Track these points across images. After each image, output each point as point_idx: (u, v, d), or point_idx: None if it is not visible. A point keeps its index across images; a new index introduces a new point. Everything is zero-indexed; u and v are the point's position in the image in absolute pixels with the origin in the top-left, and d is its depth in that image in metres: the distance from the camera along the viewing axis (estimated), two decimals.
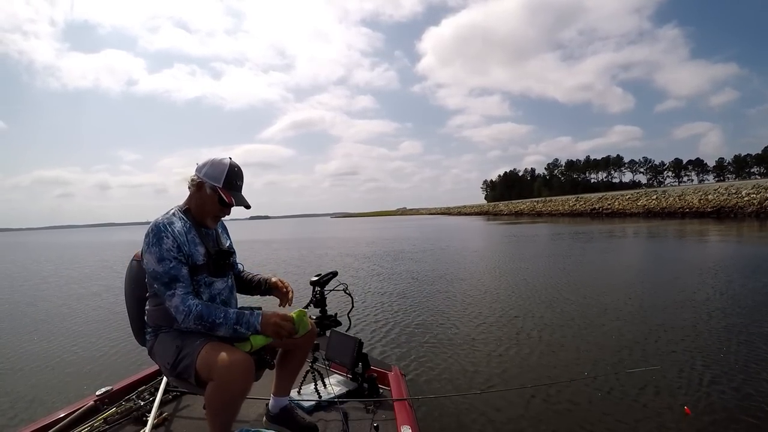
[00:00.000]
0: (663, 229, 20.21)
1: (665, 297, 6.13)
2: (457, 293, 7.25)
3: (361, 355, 2.36)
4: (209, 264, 1.74)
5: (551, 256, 11.80)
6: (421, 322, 5.45)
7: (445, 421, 2.90)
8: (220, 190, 1.71)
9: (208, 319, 1.60)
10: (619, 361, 3.86)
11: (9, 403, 3.51)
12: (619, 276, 8.43)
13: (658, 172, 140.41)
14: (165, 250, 1.62)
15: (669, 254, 11.20)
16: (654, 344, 4.21)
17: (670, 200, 34.12)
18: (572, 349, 4.23)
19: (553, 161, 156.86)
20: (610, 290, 6.93)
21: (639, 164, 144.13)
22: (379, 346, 4.60)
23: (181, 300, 1.60)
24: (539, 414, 2.97)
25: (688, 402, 2.99)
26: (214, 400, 1.56)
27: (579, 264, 10.13)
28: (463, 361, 4.04)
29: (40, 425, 1.93)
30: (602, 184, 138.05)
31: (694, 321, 4.87)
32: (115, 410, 2.09)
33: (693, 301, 5.75)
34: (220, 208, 1.75)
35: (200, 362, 1.57)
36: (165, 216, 1.71)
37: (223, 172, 1.71)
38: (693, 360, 3.75)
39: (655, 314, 5.27)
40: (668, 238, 15.92)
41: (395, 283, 8.53)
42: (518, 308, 5.96)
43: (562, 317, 5.39)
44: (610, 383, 3.35)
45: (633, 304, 5.87)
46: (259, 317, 1.65)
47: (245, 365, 1.55)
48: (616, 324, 5.00)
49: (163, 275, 1.61)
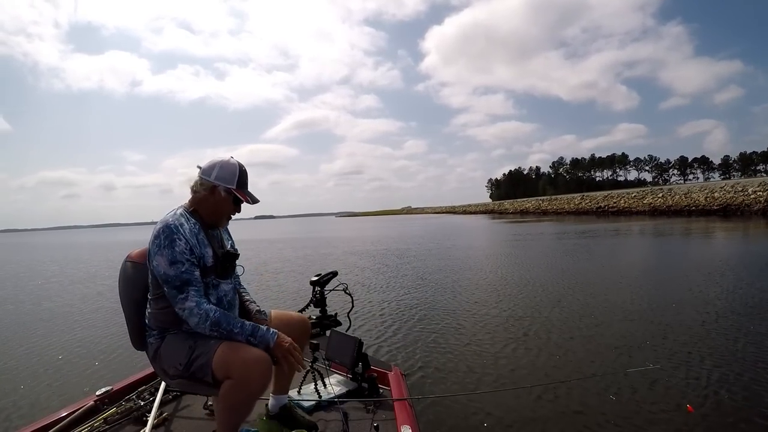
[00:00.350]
0: (669, 227, 20.05)
1: (672, 295, 6.08)
2: (458, 292, 7.23)
3: (361, 355, 2.35)
4: (217, 266, 1.73)
5: (555, 255, 11.75)
6: (422, 322, 5.44)
7: (445, 421, 2.89)
8: (235, 191, 1.72)
9: (226, 327, 1.59)
10: (620, 360, 3.83)
11: (9, 403, 3.53)
12: (625, 274, 8.37)
13: (663, 170, 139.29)
14: (178, 253, 1.59)
15: (676, 253, 11.13)
16: (660, 343, 4.18)
17: (676, 198, 33.85)
18: (574, 349, 4.19)
19: (558, 159, 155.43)
20: (614, 289, 6.89)
21: (644, 162, 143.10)
22: (384, 345, 4.58)
23: (196, 304, 1.58)
24: (540, 414, 2.95)
25: (691, 401, 2.96)
26: (232, 398, 1.55)
27: (583, 262, 10.07)
28: (464, 360, 4.02)
29: (40, 425, 1.93)
30: (607, 183, 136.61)
31: (701, 320, 4.83)
32: (115, 410, 2.09)
33: (700, 300, 5.70)
34: (234, 207, 1.78)
35: (217, 361, 1.56)
36: (174, 217, 1.67)
37: (234, 174, 1.72)
38: (701, 359, 3.72)
39: (661, 313, 5.22)
40: (675, 237, 15.84)
41: (397, 283, 8.52)
42: (520, 307, 5.94)
43: (563, 317, 5.35)
44: (611, 382, 3.33)
45: (639, 302, 5.83)
46: (275, 336, 1.63)
47: (265, 363, 1.55)
48: (620, 323, 4.96)
49: (174, 279, 1.58)
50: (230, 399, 1.56)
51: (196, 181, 1.74)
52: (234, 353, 1.55)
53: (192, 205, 1.75)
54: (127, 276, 1.78)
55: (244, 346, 1.59)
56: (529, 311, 5.69)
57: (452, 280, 8.47)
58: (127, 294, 1.78)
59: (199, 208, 1.74)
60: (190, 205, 1.75)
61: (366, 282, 8.78)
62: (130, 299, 1.77)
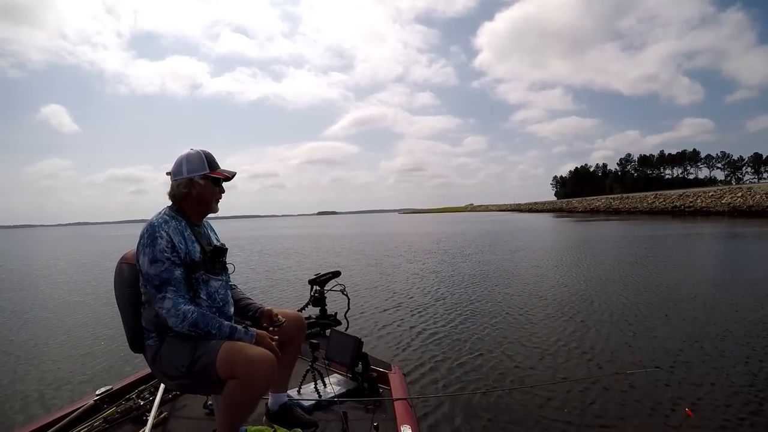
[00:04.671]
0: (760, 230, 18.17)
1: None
2: (463, 293, 7.23)
3: (361, 355, 2.35)
4: (205, 260, 1.74)
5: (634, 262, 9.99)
6: (423, 321, 5.44)
7: (445, 421, 2.89)
8: (210, 174, 1.75)
9: (203, 328, 1.61)
10: (620, 361, 3.84)
11: (9, 402, 3.53)
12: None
13: (736, 167, 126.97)
14: (158, 251, 1.60)
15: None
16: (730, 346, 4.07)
17: (757, 198, 32.03)
18: (575, 350, 4.20)
19: (625, 156, 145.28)
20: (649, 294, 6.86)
21: (716, 159, 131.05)
22: (384, 345, 4.59)
23: (173, 304, 1.59)
24: (540, 413, 2.95)
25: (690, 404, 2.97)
26: (236, 396, 1.56)
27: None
28: (464, 360, 4.02)
29: (40, 424, 1.93)
30: (677, 181, 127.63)
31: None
32: (115, 410, 2.08)
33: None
34: (218, 188, 1.80)
35: (221, 360, 1.56)
36: (158, 216, 1.69)
37: (202, 160, 1.75)
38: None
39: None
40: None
41: (425, 284, 8.49)
42: (521, 308, 5.94)
43: (570, 318, 5.35)
44: (611, 384, 3.33)
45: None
46: (253, 338, 1.65)
47: (270, 362, 1.56)
48: (622, 324, 4.97)
49: (154, 278, 1.60)
50: (234, 398, 1.56)
51: (172, 185, 1.75)
52: (238, 352, 1.56)
53: (175, 205, 1.77)
54: (122, 278, 1.76)
55: (248, 345, 1.60)
56: (532, 311, 5.69)
57: (472, 282, 8.44)
58: (123, 296, 1.76)
59: (184, 207, 1.76)
60: (174, 205, 1.77)
61: (378, 283, 8.76)
62: (126, 302, 1.75)
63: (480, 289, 7.42)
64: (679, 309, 5.50)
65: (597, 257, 11.22)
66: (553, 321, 5.19)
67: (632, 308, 5.64)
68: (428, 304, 6.46)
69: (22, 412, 3.34)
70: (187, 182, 1.73)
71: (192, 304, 1.65)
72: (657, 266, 9.21)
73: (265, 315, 1.88)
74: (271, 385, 1.62)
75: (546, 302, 6.22)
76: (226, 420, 1.61)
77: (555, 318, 5.32)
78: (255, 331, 1.69)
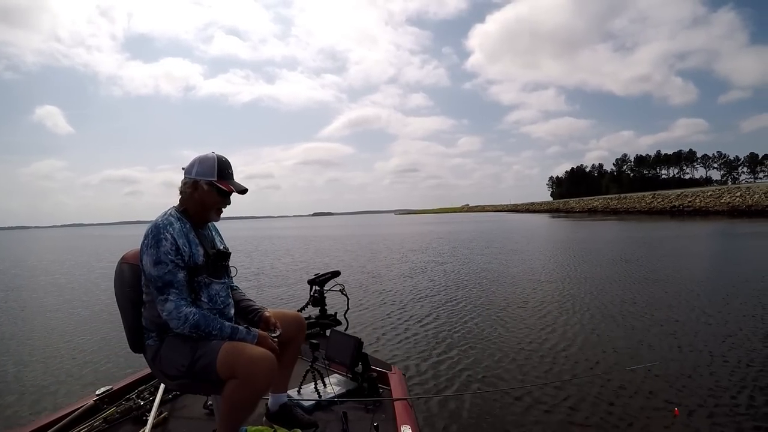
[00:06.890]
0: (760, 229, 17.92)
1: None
2: (464, 293, 7.24)
3: (361, 355, 2.35)
4: (208, 264, 1.74)
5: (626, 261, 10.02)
6: (423, 322, 5.45)
7: (445, 421, 2.90)
8: (216, 183, 1.73)
9: (205, 330, 1.61)
10: (619, 360, 3.85)
11: (10, 402, 3.52)
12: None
13: (732, 167, 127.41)
14: (162, 253, 1.60)
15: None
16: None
17: (756, 197, 32.03)
18: (575, 350, 4.21)
19: (621, 156, 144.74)
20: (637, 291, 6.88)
21: (712, 159, 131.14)
22: (384, 344, 4.59)
23: (175, 306, 1.59)
24: (539, 413, 2.96)
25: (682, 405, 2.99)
26: (237, 396, 1.56)
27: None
28: (464, 360, 4.03)
29: (41, 424, 1.92)
30: (673, 181, 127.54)
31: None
32: (115, 410, 2.08)
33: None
34: (221, 199, 1.77)
35: (221, 360, 1.57)
36: (163, 217, 1.69)
37: (213, 167, 1.73)
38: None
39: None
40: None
41: (420, 284, 8.50)
42: (521, 308, 5.95)
43: (570, 318, 5.37)
44: (610, 382, 3.35)
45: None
46: (255, 338, 1.66)
47: (270, 362, 1.56)
48: (622, 324, 4.99)
49: (157, 279, 1.60)
50: (235, 398, 1.56)
51: (182, 181, 1.75)
52: (238, 352, 1.56)
53: (182, 205, 1.76)
54: (123, 278, 1.76)
55: (248, 345, 1.60)
56: (533, 312, 5.71)
57: (471, 282, 8.46)
58: (123, 296, 1.75)
59: (188, 207, 1.75)
60: (181, 205, 1.76)
61: (380, 282, 8.77)
62: (126, 301, 1.75)
63: (480, 290, 7.44)
64: (679, 309, 5.52)
65: (596, 257, 11.24)
66: (552, 321, 5.20)
67: (632, 308, 5.65)
68: (428, 304, 6.47)
69: (23, 412, 3.34)
70: (192, 183, 1.73)
71: (193, 306, 1.65)
72: (654, 266, 9.24)
73: (264, 322, 1.85)
74: (272, 386, 1.61)
75: (546, 303, 6.23)
76: (226, 420, 1.61)
77: (555, 318, 5.33)
78: (257, 331, 1.70)
